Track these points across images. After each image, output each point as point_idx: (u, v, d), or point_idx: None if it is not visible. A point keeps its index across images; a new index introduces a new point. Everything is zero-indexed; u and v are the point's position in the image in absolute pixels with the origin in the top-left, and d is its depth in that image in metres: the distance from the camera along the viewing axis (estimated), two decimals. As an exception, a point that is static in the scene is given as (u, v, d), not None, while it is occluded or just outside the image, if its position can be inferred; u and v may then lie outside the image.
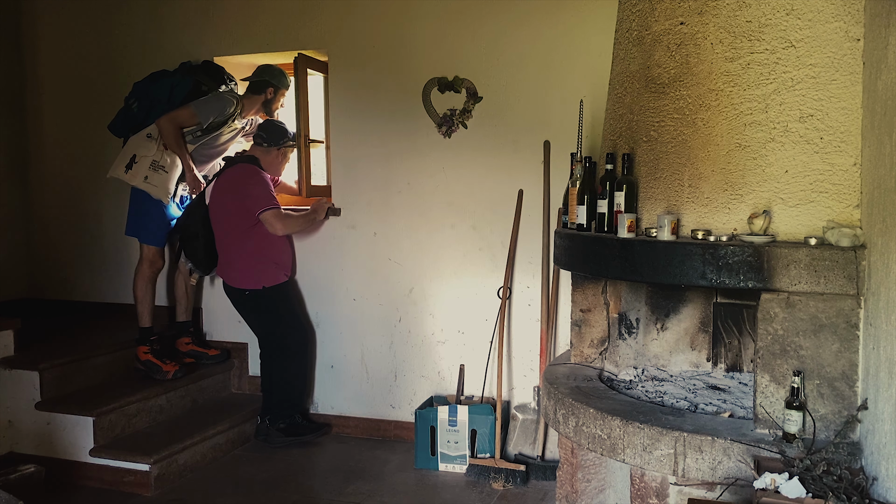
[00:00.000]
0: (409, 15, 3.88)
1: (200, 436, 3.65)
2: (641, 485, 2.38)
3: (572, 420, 2.56)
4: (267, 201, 3.73)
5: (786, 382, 2.24)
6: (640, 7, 2.72)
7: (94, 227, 4.67)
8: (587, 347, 3.03)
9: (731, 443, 2.19)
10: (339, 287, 4.15)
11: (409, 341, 4.04)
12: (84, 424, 3.43)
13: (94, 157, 4.50)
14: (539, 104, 3.70)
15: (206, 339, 4.44)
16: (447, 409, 3.64)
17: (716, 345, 2.93)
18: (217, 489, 3.42)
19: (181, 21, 4.36)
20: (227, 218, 3.78)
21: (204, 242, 3.86)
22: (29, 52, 4.77)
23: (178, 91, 3.88)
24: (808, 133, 2.34)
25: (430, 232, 3.96)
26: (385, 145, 4.00)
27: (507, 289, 3.76)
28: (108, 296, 4.68)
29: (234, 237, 3.79)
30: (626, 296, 2.95)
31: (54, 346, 3.82)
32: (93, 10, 4.57)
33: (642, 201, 2.66)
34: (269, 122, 3.97)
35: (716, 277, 2.30)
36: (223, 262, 3.87)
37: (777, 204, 2.36)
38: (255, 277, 3.82)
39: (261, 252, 3.82)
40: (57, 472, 3.39)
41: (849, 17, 2.29)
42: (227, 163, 3.88)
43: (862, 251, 2.15)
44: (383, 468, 3.66)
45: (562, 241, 2.91)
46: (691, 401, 2.60)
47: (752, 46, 2.41)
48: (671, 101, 2.58)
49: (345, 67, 4.04)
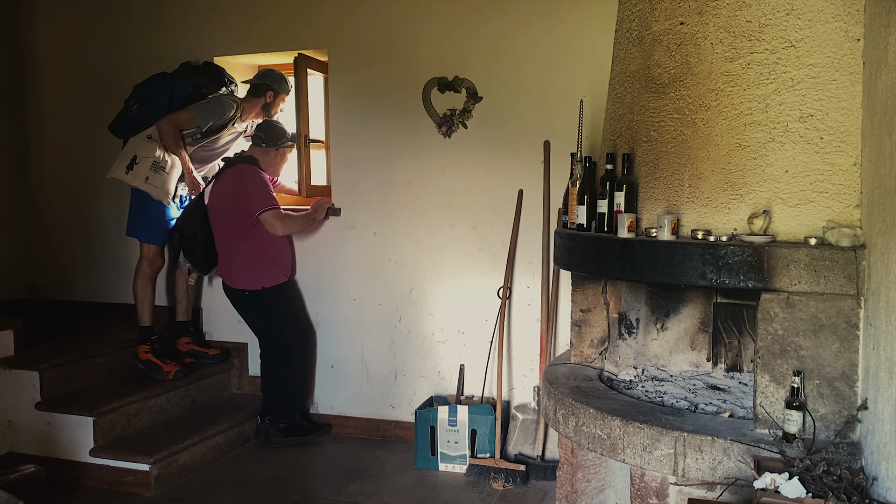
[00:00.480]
0: (409, 15, 3.88)
1: (200, 436, 3.65)
2: (641, 485, 2.38)
3: (572, 420, 2.56)
4: (266, 202, 3.73)
5: (786, 382, 2.24)
6: (640, 7, 2.72)
7: (94, 227, 4.67)
8: (587, 347, 3.03)
9: (731, 443, 2.19)
10: (339, 287, 4.15)
11: (409, 341, 4.04)
12: (84, 424, 3.43)
13: (95, 158, 4.50)
14: (539, 104, 3.70)
15: (207, 339, 4.44)
16: (447, 409, 3.64)
17: (716, 345, 2.93)
18: (217, 489, 3.42)
19: (181, 21, 4.36)
20: (227, 218, 3.78)
21: (202, 243, 3.86)
22: (29, 52, 4.78)
23: (178, 94, 3.89)
24: (808, 133, 2.33)
25: (430, 232, 3.97)
26: (385, 145, 4.00)
27: (507, 289, 3.76)
28: (108, 296, 4.68)
29: (233, 238, 3.79)
30: (626, 296, 2.94)
31: (54, 346, 3.83)
32: (93, 11, 4.57)
33: (642, 201, 2.66)
34: (267, 122, 3.97)
35: (716, 277, 2.30)
36: (223, 263, 3.87)
37: (777, 204, 2.36)
38: (255, 278, 3.82)
39: (260, 252, 3.82)
40: (57, 472, 3.39)
41: (849, 17, 2.29)
42: (225, 164, 3.88)
43: (862, 251, 2.15)
44: (383, 468, 3.66)
45: (562, 241, 2.91)
46: (691, 401, 2.60)
47: (752, 46, 2.41)
48: (671, 101, 2.58)
49: (345, 67, 4.04)
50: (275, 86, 3.99)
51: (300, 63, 4.03)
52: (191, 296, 4.19)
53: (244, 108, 3.98)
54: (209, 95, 3.95)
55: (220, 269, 3.90)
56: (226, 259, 3.85)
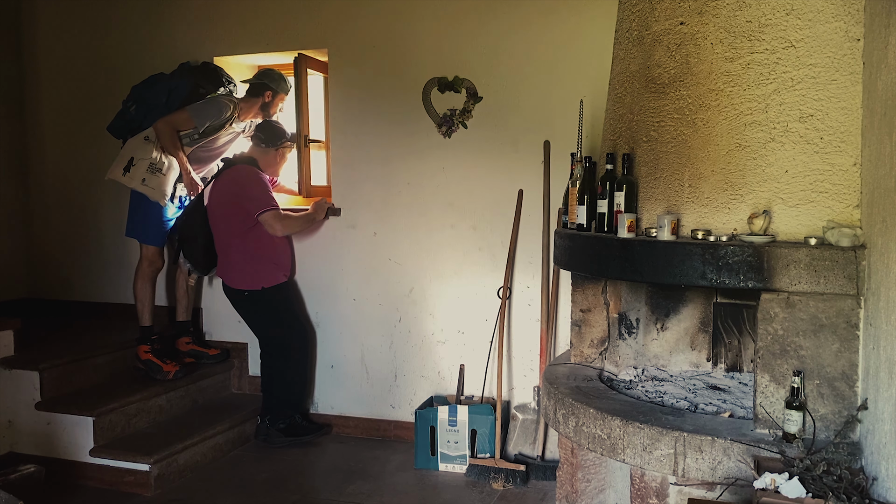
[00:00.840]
0: (409, 15, 3.88)
1: (200, 436, 3.65)
2: (641, 485, 2.38)
3: (572, 420, 2.56)
4: (266, 202, 3.73)
5: (786, 382, 2.24)
6: (640, 7, 2.72)
7: (94, 228, 4.67)
8: (587, 347, 3.03)
9: (731, 443, 2.19)
10: (339, 287, 4.15)
11: (409, 341, 4.04)
12: (84, 424, 3.43)
13: (94, 158, 4.50)
14: (539, 104, 3.70)
15: (207, 338, 4.44)
16: (447, 409, 3.64)
17: (716, 345, 2.93)
18: (217, 489, 3.42)
19: (181, 21, 4.35)
20: (226, 219, 3.78)
21: (203, 244, 3.85)
22: (29, 52, 4.77)
23: (175, 95, 3.88)
24: (808, 133, 2.33)
25: (430, 232, 3.96)
26: (385, 145, 4.00)
27: (507, 289, 3.76)
28: (108, 296, 4.67)
29: (233, 238, 3.79)
30: (626, 296, 2.94)
31: (54, 346, 3.83)
32: (93, 11, 4.57)
33: (642, 201, 2.66)
34: (266, 122, 3.97)
35: (716, 277, 2.30)
36: (223, 264, 3.87)
37: (777, 204, 2.36)
38: (255, 278, 3.82)
39: (260, 253, 3.82)
40: (57, 472, 3.39)
41: (849, 17, 2.29)
42: (224, 164, 3.88)
43: (862, 251, 2.15)
44: (383, 468, 3.66)
45: (562, 241, 2.91)
46: (691, 401, 2.60)
47: (752, 46, 2.41)
48: (671, 101, 2.58)
49: (345, 67, 4.04)
50: (273, 85, 3.99)
51: (300, 63, 4.03)
52: (191, 296, 4.19)
53: (242, 108, 3.98)
54: (207, 96, 3.95)
55: (220, 270, 3.90)
56: (225, 259, 3.85)
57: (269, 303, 3.88)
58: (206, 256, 3.89)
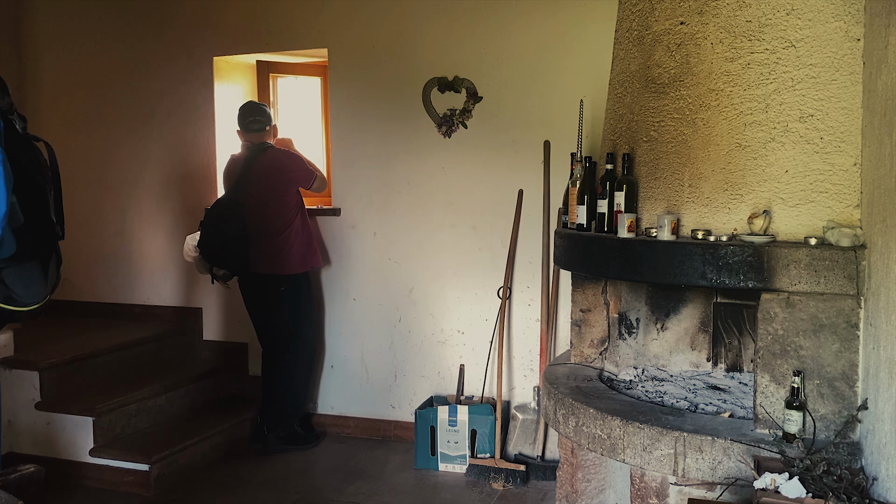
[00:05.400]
0: (409, 15, 3.88)
1: (200, 436, 3.65)
2: (641, 485, 2.38)
3: (572, 420, 2.56)
4: (311, 171, 3.77)
5: (786, 382, 2.24)
6: (640, 7, 2.72)
7: (94, 228, 4.67)
8: (587, 347, 3.03)
9: (731, 443, 2.19)
10: (339, 287, 4.15)
11: (409, 341, 4.04)
12: (84, 424, 3.43)
13: (94, 157, 4.50)
14: (539, 104, 3.70)
15: (205, 339, 4.43)
16: (447, 409, 3.63)
17: (716, 345, 2.93)
18: (217, 489, 3.42)
19: (181, 21, 4.35)
20: (279, 206, 3.72)
21: (240, 240, 3.67)
22: (29, 52, 4.77)
23: None
24: (808, 133, 2.33)
25: (430, 232, 3.96)
26: (385, 145, 4.00)
27: (507, 289, 3.76)
28: (108, 296, 4.67)
29: (293, 220, 3.76)
30: (626, 296, 2.94)
31: (54, 346, 3.82)
32: (93, 10, 4.57)
33: (642, 201, 2.66)
34: (250, 105, 3.81)
35: (716, 277, 2.30)
36: (273, 251, 3.71)
37: (777, 204, 2.36)
38: (303, 260, 3.82)
39: (307, 234, 3.84)
40: (57, 472, 3.39)
41: (849, 17, 2.29)
42: (245, 162, 3.72)
43: (862, 251, 2.14)
44: (383, 468, 3.66)
45: (562, 241, 2.91)
46: (691, 401, 2.60)
47: (752, 46, 2.41)
48: (671, 101, 2.57)
49: (345, 67, 4.04)
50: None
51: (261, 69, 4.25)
52: None
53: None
54: None
55: (266, 261, 3.72)
56: (283, 245, 3.73)
57: (309, 288, 3.90)
58: (245, 252, 3.69)
